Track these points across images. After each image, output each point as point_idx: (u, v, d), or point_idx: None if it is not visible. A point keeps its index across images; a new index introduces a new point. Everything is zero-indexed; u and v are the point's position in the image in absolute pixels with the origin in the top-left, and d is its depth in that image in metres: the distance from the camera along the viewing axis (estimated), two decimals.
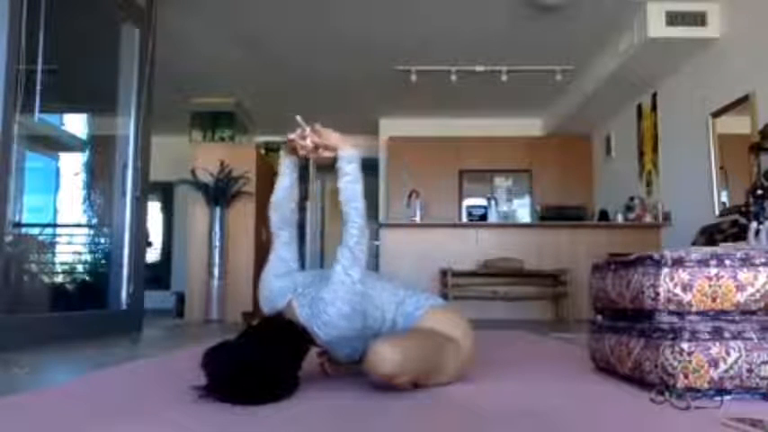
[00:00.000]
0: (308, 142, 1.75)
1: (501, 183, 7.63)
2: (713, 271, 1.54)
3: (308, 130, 1.76)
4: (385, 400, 1.48)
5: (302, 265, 1.88)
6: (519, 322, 5.14)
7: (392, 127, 7.83)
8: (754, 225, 3.20)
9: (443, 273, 5.54)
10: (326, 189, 9.54)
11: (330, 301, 1.57)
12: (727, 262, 1.55)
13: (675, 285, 1.53)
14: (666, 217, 5.43)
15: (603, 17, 4.94)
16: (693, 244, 4.28)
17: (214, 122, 6.49)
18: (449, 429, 1.25)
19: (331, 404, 1.48)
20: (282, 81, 6.51)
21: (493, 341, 3.08)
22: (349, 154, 1.71)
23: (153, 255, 8.23)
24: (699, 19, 4.62)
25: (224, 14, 4.98)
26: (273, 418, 1.32)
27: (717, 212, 4.56)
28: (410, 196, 6.36)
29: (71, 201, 4.81)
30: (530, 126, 7.81)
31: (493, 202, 6.95)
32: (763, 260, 1.55)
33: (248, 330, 1.57)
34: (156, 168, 4.28)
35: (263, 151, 7.44)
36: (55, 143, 4.74)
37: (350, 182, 1.68)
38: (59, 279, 4.42)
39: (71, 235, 4.74)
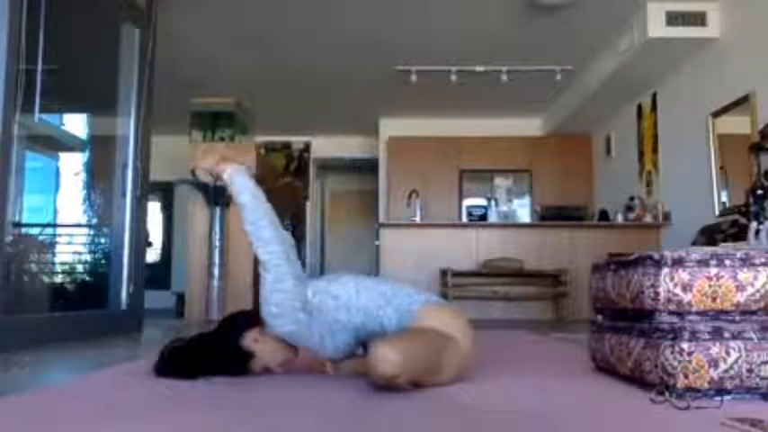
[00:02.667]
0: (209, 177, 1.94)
1: (501, 183, 7.63)
2: (713, 271, 1.54)
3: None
4: (384, 400, 1.48)
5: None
6: (519, 322, 5.14)
7: (392, 127, 7.83)
8: (754, 225, 3.20)
9: (443, 273, 5.54)
10: (327, 188, 9.55)
11: (263, 301, 1.77)
12: (727, 262, 1.55)
13: (675, 285, 1.53)
14: (666, 217, 5.43)
15: (603, 17, 4.94)
16: (693, 244, 4.28)
17: (214, 122, 6.48)
18: (449, 429, 1.25)
19: (331, 404, 1.48)
20: (282, 81, 6.51)
21: (493, 341, 3.09)
22: (227, 178, 1.89)
23: (153, 255, 8.23)
24: (699, 19, 4.62)
25: (224, 14, 4.98)
26: (273, 416, 1.32)
27: (717, 212, 4.56)
28: (410, 196, 6.36)
29: (71, 201, 4.80)
30: (530, 126, 7.81)
31: (493, 202, 6.96)
32: (763, 260, 1.55)
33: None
34: (156, 168, 4.27)
35: (262, 151, 7.44)
36: (55, 143, 4.74)
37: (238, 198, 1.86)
38: (59, 279, 4.42)
39: (71, 235, 4.74)
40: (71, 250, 4.64)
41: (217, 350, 1.81)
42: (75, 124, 5.12)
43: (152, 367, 1.85)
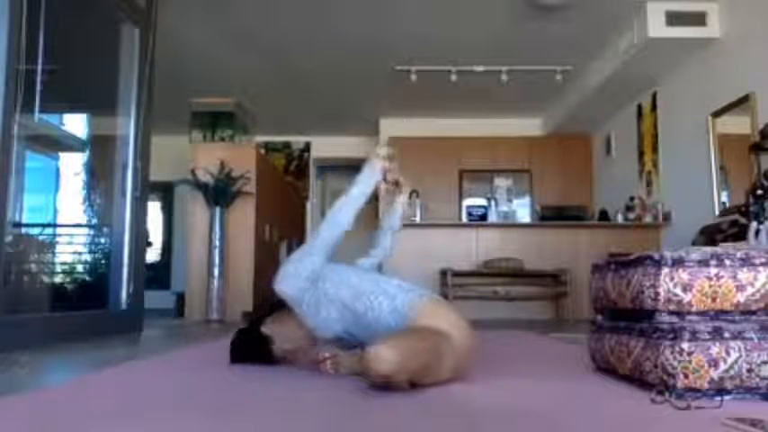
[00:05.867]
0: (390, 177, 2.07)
1: (501, 183, 7.63)
2: (713, 271, 1.54)
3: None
4: (383, 400, 1.48)
5: None
6: (519, 322, 5.14)
7: (392, 127, 7.83)
8: (754, 225, 3.21)
9: (443, 273, 5.54)
10: (327, 188, 9.54)
11: (290, 260, 1.97)
12: (727, 262, 1.54)
13: (675, 285, 1.53)
14: (666, 217, 5.43)
15: (603, 17, 4.95)
16: (693, 244, 4.28)
17: (214, 122, 6.48)
18: (448, 429, 1.25)
19: (330, 403, 1.48)
20: (282, 81, 6.52)
21: (493, 341, 3.09)
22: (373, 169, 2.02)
23: (153, 255, 8.24)
24: (699, 19, 4.62)
25: (224, 15, 4.99)
26: (272, 417, 1.32)
27: (717, 212, 4.56)
28: (410, 196, 6.35)
29: (71, 201, 4.80)
30: (530, 126, 7.81)
31: (493, 202, 6.95)
32: (763, 260, 1.55)
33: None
34: (156, 168, 4.27)
35: (262, 151, 7.44)
36: (55, 143, 4.74)
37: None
38: (59, 279, 4.42)
39: (71, 235, 4.74)
40: (71, 250, 4.64)
41: (245, 337, 2.06)
42: (75, 124, 5.13)
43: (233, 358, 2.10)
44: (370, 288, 1.84)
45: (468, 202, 7.34)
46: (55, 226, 4.62)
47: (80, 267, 4.55)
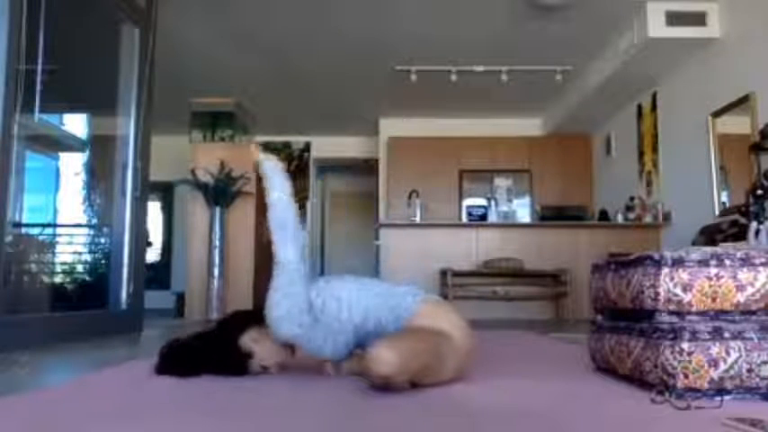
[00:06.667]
0: None
1: (501, 183, 7.63)
2: (713, 271, 1.54)
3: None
4: (384, 401, 1.48)
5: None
6: (519, 322, 5.14)
7: (392, 127, 7.83)
8: (754, 225, 3.21)
9: (443, 273, 5.54)
10: (327, 188, 9.55)
11: (272, 305, 1.72)
12: (727, 262, 1.55)
13: (675, 285, 1.53)
14: (666, 217, 5.43)
15: (603, 17, 4.94)
16: (693, 244, 4.28)
17: (214, 122, 6.48)
18: (448, 429, 1.25)
19: (330, 404, 1.48)
20: (282, 81, 6.51)
21: (493, 341, 3.08)
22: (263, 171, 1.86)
23: (153, 255, 8.23)
24: (699, 19, 4.62)
25: (224, 15, 4.98)
26: (272, 417, 1.32)
27: (717, 212, 4.56)
28: (410, 196, 6.36)
29: (71, 201, 4.81)
30: (530, 126, 7.81)
31: (493, 202, 6.96)
32: (763, 260, 1.55)
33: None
34: (156, 168, 4.27)
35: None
36: (55, 143, 4.74)
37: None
38: (59, 279, 4.42)
39: (71, 235, 4.74)
40: (71, 250, 4.64)
41: (216, 349, 1.83)
42: (75, 124, 5.13)
43: (153, 366, 1.87)
44: (375, 302, 1.79)
45: (468, 202, 7.34)
46: (55, 226, 4.62)
47: (80, 267, 4.55)
